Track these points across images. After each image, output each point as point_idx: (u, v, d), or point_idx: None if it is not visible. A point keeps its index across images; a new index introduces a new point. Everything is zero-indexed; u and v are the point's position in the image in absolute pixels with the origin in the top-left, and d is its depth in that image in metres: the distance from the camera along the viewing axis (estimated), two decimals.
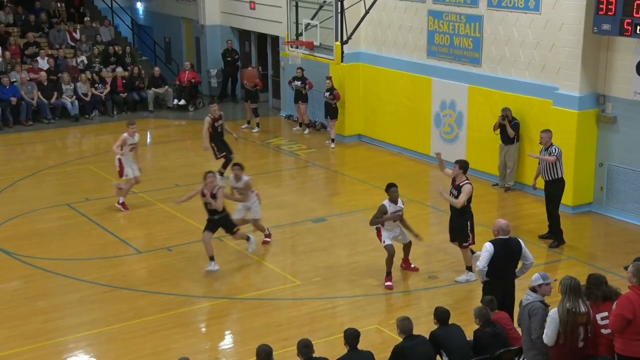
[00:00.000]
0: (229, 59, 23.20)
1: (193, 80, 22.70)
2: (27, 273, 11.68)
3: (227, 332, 10.30)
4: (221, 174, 15.26)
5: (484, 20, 15.57)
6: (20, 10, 24.00)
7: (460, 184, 11.07)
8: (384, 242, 11.12)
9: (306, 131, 19.52)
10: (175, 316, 10.39)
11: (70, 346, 9.76)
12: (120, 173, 14.16)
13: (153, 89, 22.40)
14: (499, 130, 14.89)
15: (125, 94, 22.07)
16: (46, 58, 22.06)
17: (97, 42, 23.60)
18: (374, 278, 11.41)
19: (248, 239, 12.27)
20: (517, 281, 9.20)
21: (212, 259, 11.72)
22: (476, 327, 8.19)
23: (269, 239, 12.85)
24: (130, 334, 9.95)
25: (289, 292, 11.23)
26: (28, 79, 20.96)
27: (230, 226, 11.92)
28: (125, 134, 14.02)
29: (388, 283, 11.13)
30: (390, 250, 11.04)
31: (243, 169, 12.52)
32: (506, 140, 14.89)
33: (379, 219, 11.09)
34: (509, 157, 14.95)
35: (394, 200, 11.14)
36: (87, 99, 21.35)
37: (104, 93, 21.73)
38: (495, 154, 15.21)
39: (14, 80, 20.90)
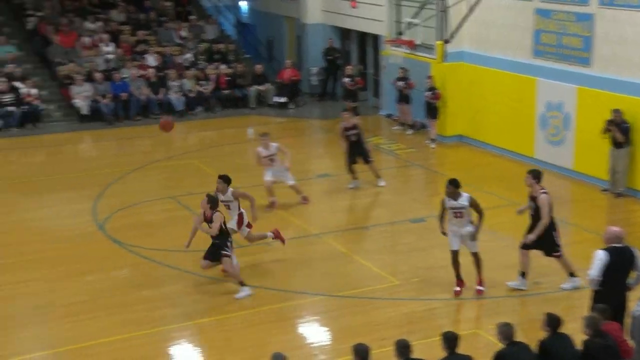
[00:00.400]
0: (330, 57, 23.34)
1: (294, 78, 22.97)
2: (134, 262, 12.11)
3: (324, 329, 10.37)
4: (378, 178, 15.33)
5: (595, 18, 15.05)
6: (131, 9, 24.88)
7: (537, 195, 10.62)
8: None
9: (409, 131, 19.40)
10: (274, 311, 10.54)
11: (174, 335, 10.05)
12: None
13: (255, 86, 22.79)
14: (607, 133, 14.38)
15: (229, 91, 22.54)
16: (155, 55, 22.79)
17: (202, 40, 24.20)
18: (474, 281, 11.22)
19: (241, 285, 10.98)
20: (630, 292, 8.85)
21: (242, 283, 10.92)
22: (585, 337, 7.90)
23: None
24: (231, 325, 10.16)
25: (387, 291, 11.20)
26: (138, 75, 21.73)
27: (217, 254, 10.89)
28: (258, 148, 14.03)
29: (456, 288, 10.93)
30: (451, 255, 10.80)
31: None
32: (616, 143, 14.36)
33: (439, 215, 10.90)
34: (618, 161, 14.41)
35: (450, 196, 10.71)
36: (192, 95, 21.94)
37: (209, 90, 22.28)
38: (605, 158, 14.68)
39: (125, 76, 21.72)
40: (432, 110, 18.29)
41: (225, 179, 11.57)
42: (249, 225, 11.76)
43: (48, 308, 10.63)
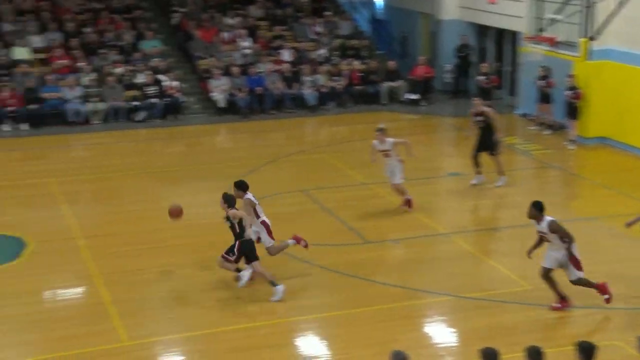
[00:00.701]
0: (462, 54, 22.92)
1: (427, 75, 22.71)
2: (264, 253, 12.30)
3: (451, 330, 10.18)
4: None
5: None
6: (270, 4, 25.42)
7: None
8: None
9: (547, 132, 18.74)
10: (401, 308, 10.46)
11: (302, 326, 10.18)
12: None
13: (387, 82, 22.71)
14: None
15: (361, 87, 22.59)
16: (290, 50, 23.17)
17: (337, 36, 24.37)
18: (614, 290, 10.68)
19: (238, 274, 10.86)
20: None
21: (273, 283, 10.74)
22: None
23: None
24: (358, 321, 10.16)
25: (517, 295, 10.85)
26: (273, 70, 22.17)
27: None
28: (373, 141, 14.02)
29: (554, 305, 10.32)
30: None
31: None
32: None
33: None
34: None
35: (532, 219, 10.10)
36: (325, 90, 22.15)
37: (341, 85, 22.40)
38: None
39: (261, 70, 22.22)
40: (573, 111, 17.56)
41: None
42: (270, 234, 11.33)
43: (183, 293, 11.02)
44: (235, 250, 10.75)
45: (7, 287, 10.98)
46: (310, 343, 9.86)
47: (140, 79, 21.32)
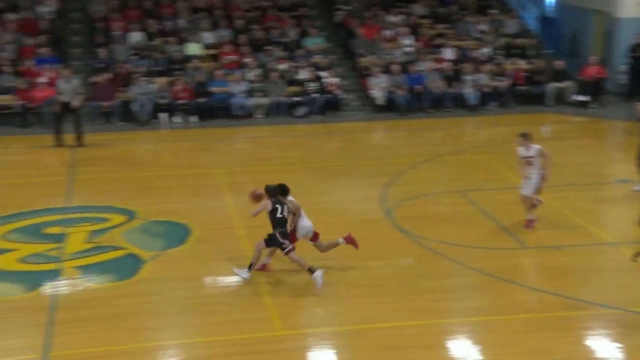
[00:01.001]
0: (636, 54, 21.63)
1: (599, 76, 21.63)
2: (419, 252, 12.24)
3: (617, 346, 9.60)
4: None
5: None
6: (433, 2, 25.19)
7: None
8: None
9: None
10: (560, 318, 10.00)
11: (452, 329, 9.99)
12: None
13: (554, 83, 21.85)
14: None
15: (525, 87, 21.88)
16: (452, 49, 22.84)
17: (502, 34, 23.74)
18: None
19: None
20: None
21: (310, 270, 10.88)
22: None
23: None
24: (512, 327, 9.83)
25: None
26: (433, 68, 21.95)
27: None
28: (518, 148, 13.19)
29: None
30: None
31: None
32: None
33: None
34: None
35: None
36: (487, 90, 21.65)
37: (505, 85, 21.81)
38: None
39: (421, 69, 22.06)
40: None
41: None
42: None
43: (336, 287, 11.12)
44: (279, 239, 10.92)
45: (172, 271, 11.56)
46: (460, 346, 9.65)
47: (302, 75, 21.80)
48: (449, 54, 22.76)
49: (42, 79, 20.42)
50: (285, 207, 11.15)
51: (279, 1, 24.83)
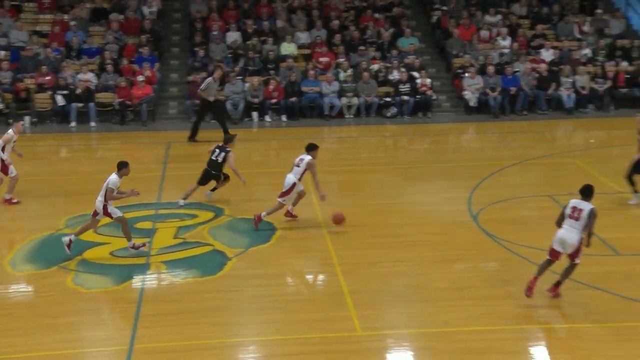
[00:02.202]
0: None
1: None
2: (503, 256, 12.01)
3: None
4: None
5: None
6: (535, 2, 24.61)
7: None
8: None
9: None
10: None
11: (535, 335, 9.75)
12: None
13: None
14: None
15: (626, 90, 21.09)
16: (550, 50, 22.25)
17: (605, 35, 22.95)
18: None
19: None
20: None
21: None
22: None
23: None
24: (599, 336, 9.53)
25: None
26: (530, 69, 21.43)
27: None
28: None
29: None
30: None
31: None
32: None
33: None
34: None
35: None
36: (585, 92, 20.98)
37: (604, 87, 21.08)
38: None
39: (517, 70, 21.59)
40: None
41: None
42: None
43: (417, 289, 11.07)
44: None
45: (256, 268, 11.75)
46: (542, 353, 9.43)
47: (395, 75, 21.73)
48: (547, 55, 22.17)
49: (140, 77, 21.15)
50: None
51: (375, 1, 24.83)
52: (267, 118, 21.08)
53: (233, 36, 23.20)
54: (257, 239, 12.66)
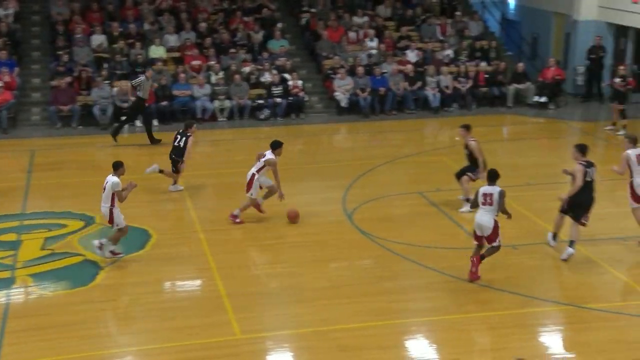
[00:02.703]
0: (594, 56, 21.96)
1: (557, 77, 21.91)
2: (378, 254, 12.28)
3: (569, 342, 9.75)
4: None
5: None
6: (398, 4, 25.30)
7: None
8: None
9: None
10: (515, 316, 10.13)
11: (412, 329, 10.06)
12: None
13: (514, 84, 22.09)
14: None
15: (486, 89, 22.09)
16: (415, 51, 22.96)
17: (465, 37, 23.93)
18: None
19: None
20: None
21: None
22: None
23: None
24: (469, 326, 9.94)
25: None
26: (397, 70, 22.02)
27: None
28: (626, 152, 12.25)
29: None
30: None
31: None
32: None
33: None
34: None
35: None
36: (449, 91, 21.81)
37: (466, 87, 21.99)
38: None
39: (385, 71, 22.14)
40: None
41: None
42: None
43: (294, 290, 11.14)
44: None
45: (130, 277, 11.47)
46: (418, 346, 9.72)
47: (266, 77, 21.76)
48: (412, 56, 22.87)
49: None
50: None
51: (244, 3, 24.76)
52: (138, 123, 20.57)
53: (98, 39, 22.49)
54: (131, 246, 12.32)
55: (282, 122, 20.96)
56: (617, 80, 19.26)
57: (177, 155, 14.88)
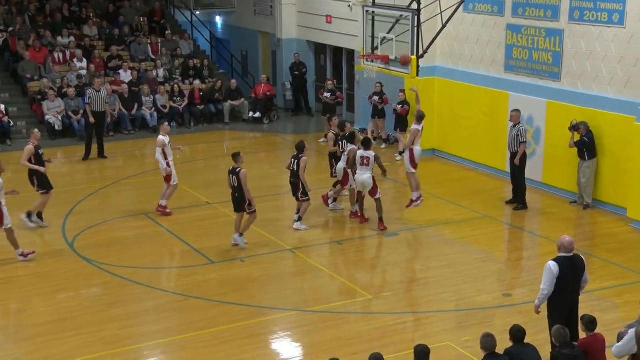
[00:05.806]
0: (297, 72, 23.41)
1: (269, 93, 22.98)
2: (105, 280, 11.98)
3: (296, 345, 10.32)
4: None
5: (565, 34, 15.25)
6: (104, 24, 24.76)
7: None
8: None
9: (383, 146, 19.46)
10: (246, 327, 10.48)
11: (145, 353, 9.97)
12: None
13: (229, 101, 22.76)
14: (573, 132, 14.52)
15: (203, 106, 22.49)
16: (129, 71, 22.68)
17: (177, 56, 24.14)
18: (446, 294, 11.29)
19: None
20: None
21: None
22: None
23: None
24: (202, 343, 10.09)
25: (359, 305, 11.22)
26: (111, 91, 21.55)
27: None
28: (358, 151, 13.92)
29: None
30: None
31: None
32: (581, 155, 14.54)
33: None
34: (582, 173, 14.58)
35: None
36: (166, 110, 21.86)
37: (182, 105, 22.20)
38: (574, 170, 14.88)
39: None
40: (402, 124, 18.47)
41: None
42: None
43: (17, 328, 10.50)
44: None
45: None
46: None
47: None
48: (126, 76, 22.53)
49: None
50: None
51: None
52: None
53: None
54: None
55: None
56: (327, 95, 20.68)
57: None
